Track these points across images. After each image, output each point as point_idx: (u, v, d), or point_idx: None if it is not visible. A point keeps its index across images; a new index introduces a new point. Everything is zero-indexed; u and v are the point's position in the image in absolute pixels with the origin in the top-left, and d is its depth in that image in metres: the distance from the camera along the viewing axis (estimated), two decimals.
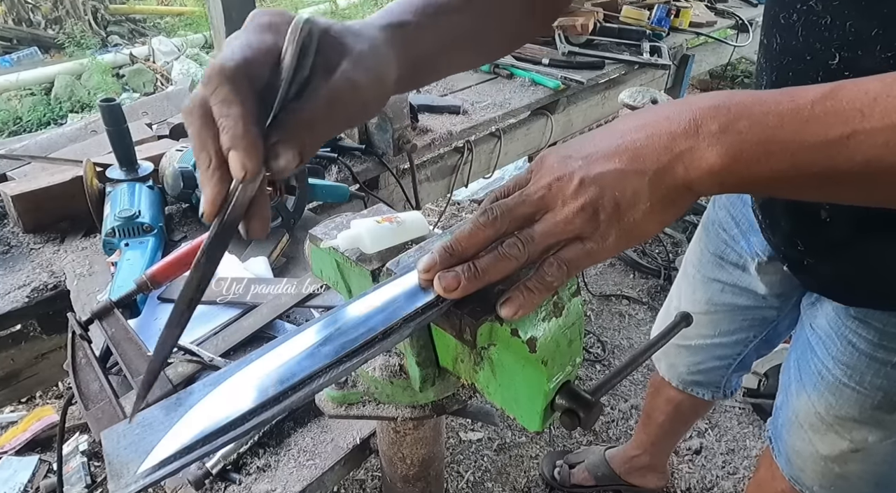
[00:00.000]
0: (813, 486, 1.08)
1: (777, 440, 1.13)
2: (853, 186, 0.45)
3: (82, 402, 0.85)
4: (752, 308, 1.14)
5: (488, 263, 0.47)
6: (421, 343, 0.60)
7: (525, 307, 0.47)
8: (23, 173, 1.44)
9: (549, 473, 1.82)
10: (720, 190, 0.46)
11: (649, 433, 1.64)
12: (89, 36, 5.48)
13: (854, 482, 1.03)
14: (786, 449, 1.11)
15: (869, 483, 1.03)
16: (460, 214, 3.16)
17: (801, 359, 1.03)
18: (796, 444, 1.07)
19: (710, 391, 1.36)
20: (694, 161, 0.44)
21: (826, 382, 0.96)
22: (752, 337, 1.21)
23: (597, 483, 1.78)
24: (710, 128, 0.44)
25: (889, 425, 0.94)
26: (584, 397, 0.53)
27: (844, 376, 0.93)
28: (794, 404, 1.05)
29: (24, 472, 1.72)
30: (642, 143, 0.46)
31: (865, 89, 0.42)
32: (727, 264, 1.13)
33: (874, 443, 0.96)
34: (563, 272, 0.47)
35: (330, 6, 6.68)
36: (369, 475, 1.83)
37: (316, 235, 0.65)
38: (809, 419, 1.02)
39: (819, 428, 1.01)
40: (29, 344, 1.34)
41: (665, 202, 0.46)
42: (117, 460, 0.39)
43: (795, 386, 1.04)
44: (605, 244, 0.46)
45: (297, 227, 1.32)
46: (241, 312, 1.04)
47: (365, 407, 0.68)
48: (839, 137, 0.42)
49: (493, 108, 1.95)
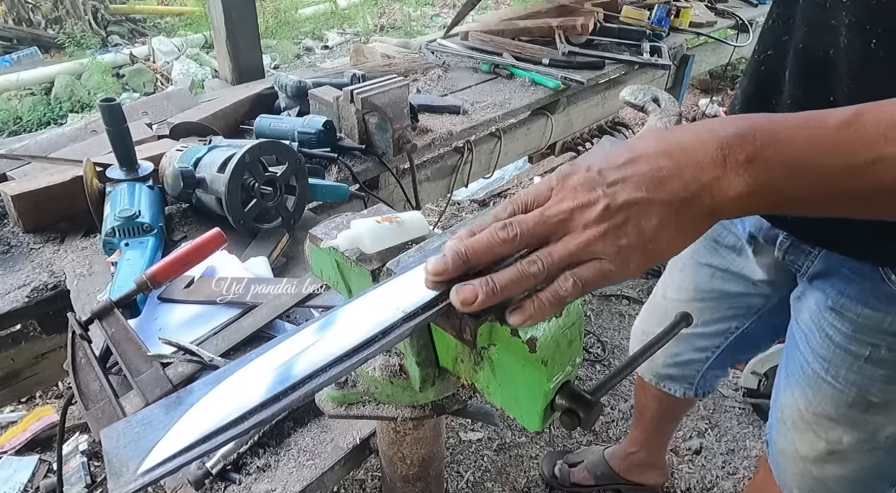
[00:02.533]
0: (793, 489, 1.08)
1: (769, 441, 1.13)
2: (884, 205, 0.46)
3: (82, 402, 0.85)
4: (740, 295, 1.14)
5: (507, 280, 0.47)
6: (421, 343, 0.60)
7: (535, 318, 0.47)
8: (23, 173, 1.44)
9: (549, 472, 1.82)
10: (743, 214, 0.48)
11: (641, 430, 1.65)
12: (89, 36, 5.48)
13: (831, 486, 1.02)
14: (774, 450, 1.10)
15: (848, 491, 1.02)
16: (460, 214, 3.16)
17: (788, 355, 1.04)
18: (781, 443, 1.07)
19: (682, 387, 1.36)
20: (721, 190, 0.45)
21: (807, 376, 0.97)
22: (734, 328, 1.20)
23: (596, 483, 1.78)
24: (737, 158, 0.45)
25: (863, 426, 0.94)
26: (584, 397, 0.53)
27: (822, 370, 0.94)
28: (780, 401, 1.05)
29: (24, 472, 1.72)
30: (668, 171, 0.46)
31: (889, 113, 0.43)
32: (722, 247, 1.13)
33: (849, 446, 0.96)
34: (577, 289, 0.47)
35: (330, 6, 6.69)
36: (369, 475, 1.83)
37: (316, 235, 0.65)
38: (792, 416, 1.02)
39: (800, 426, 1.01)
40: (29, 344, 1.34)
41: (689, 229, 0.47)
42: (117, 458, 0.39)
43: (783, 383, 1.05)
44: (624, 268, 0.47)
45: (297, 227, 1.32)
46: (241, 312, 1.04)
47: (365, 407, 0.68)
48: (864, 162, 0.43)
49: (493, 108, 1.95)
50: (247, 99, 1.83)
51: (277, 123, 1.62)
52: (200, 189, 1.26)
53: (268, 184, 1.25)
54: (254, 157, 1.21)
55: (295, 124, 1.59)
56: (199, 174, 1.25)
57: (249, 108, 1.83)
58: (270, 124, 1.62)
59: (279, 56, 5.47)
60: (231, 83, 2.15)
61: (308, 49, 5.94)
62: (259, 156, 1.23)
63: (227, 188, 1.18)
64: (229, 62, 2.12)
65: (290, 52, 5.64)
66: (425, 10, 7.20)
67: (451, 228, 0.63)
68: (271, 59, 5.28)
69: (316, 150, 1.57)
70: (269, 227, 1.27)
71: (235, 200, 1.20)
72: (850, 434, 0.95)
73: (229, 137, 1.65)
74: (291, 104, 1.78)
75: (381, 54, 2.37)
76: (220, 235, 1.09)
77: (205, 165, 1.26)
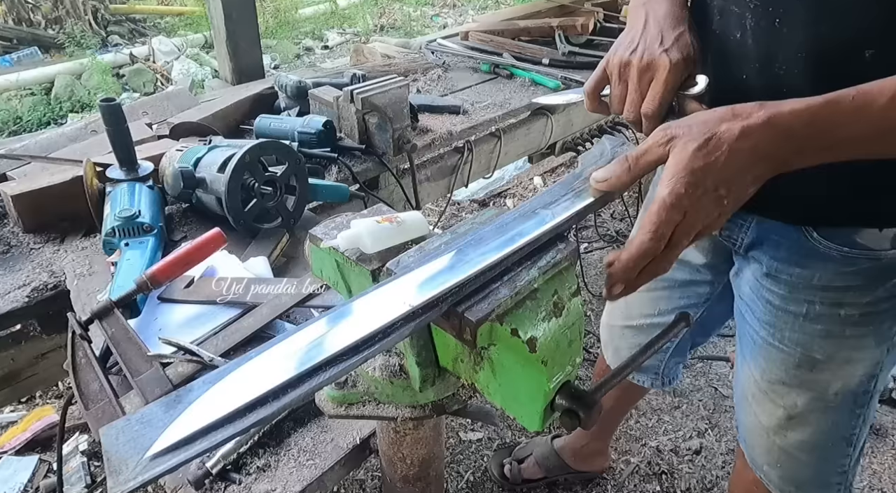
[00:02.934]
0: (762, 465, 1.12)
1: (738, 423, 1.17)
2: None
3: (82, 402, 0.85)
4: (689, 283, 1.20)
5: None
6: (421, 343, 0.60)
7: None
8: (23, 173, 1.44)
9: (499, 473, 1.82)
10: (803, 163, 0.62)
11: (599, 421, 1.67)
12: (89, 36, 5.48)
13: (796, 455, 1.06)
14: (742, 429, 1.14)
15: (811, 456, 1.06)
16: (460, 214, 3.16)
17: (740, 333, 1.08)
18: (745, 419, 1.11)
19: (649, 378, 1.41)
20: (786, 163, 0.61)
21: (758, 345, 1.02)
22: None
23: (546, 475, 1.81)
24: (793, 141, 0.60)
25: (813, 385, 0.98)
26: (585, 396, 0.53)
27: (769, 336, 0.99)
28: (740, 378, 1.10)
29: (24, 472, 1.72)
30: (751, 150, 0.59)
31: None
32: None
33: (804, 407, 1.00)
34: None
35: (330, 6, 6.69)
36: (369, 475, 1.83)
37: (316, 235, 0.65)
38: (751, 389, 1.06)
39: (759, 397, 1.05)
40: (29, 344, 1.34)
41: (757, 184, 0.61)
42: (116, 456, 0.39)
43: (740, 360, 1.09)
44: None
45: (297, 227, 1.32)
46: (241, 312, 1.04)
47: (365, 407, 0.68)
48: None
49: (493, 108, 1.95)
50: (247, 99, 1.83)
51: (277, 123, 1.62)
52: (200, 189, 1.26)
53: (268, 184, 1.25)
54: (254, 157, 1.21)
55: (295, 124, 1.59)
56: (199, 174, 1.25)
57: (249, 108, 1.83)
58: (270, 124, 1.62)
59: (279, 56, 5.47)
60: (231, 83, 2.15)
61: (308, 49, 5.94)
62: (259, 156, 1.23)
63: (227, 188, 1.18)
64: (229, 62, 2.12)
65: (290, 52, 5.64)
66: (425, 10, 7.20)
67: (451, 228, 0.63)
68: (271, 59, 5.28)
69: (316, 150, 1.57)
70: (269, 227, 1.28)
71: (235, 200, 1.20)
72: (803, 396, 1.00)
73: (229, 137, 1.65)
74: (291, 104, 1.78)
75: (381, 54, 2.37)
76: (220, 235, 1.09)
77: (205, 165, 1.26)
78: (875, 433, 1.99)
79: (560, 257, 0.58)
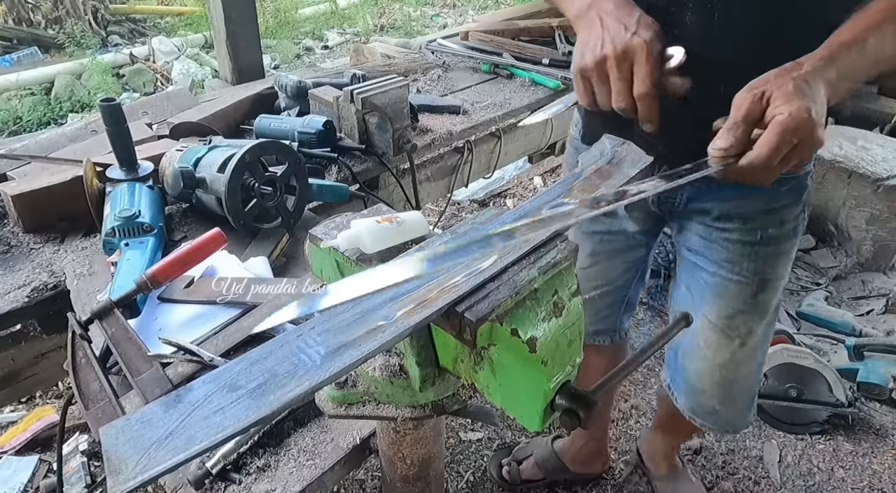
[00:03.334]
0: (714, 404, 1.23)
1: (676, 378, 1.29)
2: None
3: (82, 402, 0.85)
4: (626, 250, 1.31)
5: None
6: (421, 343, 0.60)
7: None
8: (23, 173, 1.44)
9: (497, 474, 1.82)
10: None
11: None
12: (89, 36, 5.48)
13: (742, 381, 1.21)
14: (685, 380, 1.26)
15: (755, 373, 1.22)
16: (460, 214, 3.16)
17: (690, 284, 1.19)
18: (696, 365, 1.22)
19: (608, 337, 1.48)
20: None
21: (715, 287, 1.12)
22: (631, 278, 1.38)
23: (546, 476, 1.80)
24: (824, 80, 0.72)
25: (764, 306, 1.12)
26: (585, 396, 0.53)
27: (728, 273, 1.10)
28: (689, 332, 1.19)
29: (24, 472, 1.72)
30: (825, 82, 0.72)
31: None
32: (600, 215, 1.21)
33: (757, 329, 1.14)
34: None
35: (330, 6, 6.69)
36: (369, 475, 1.83)
37: (316, 235, 0.65)
38: (704, 334, 1.17)
39: (711, 338, 1.17)
40: (29, 344, 1.34)
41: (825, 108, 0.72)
42: (116, 456, 0.39)
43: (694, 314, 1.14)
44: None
45: (297, 227, 1.32)
46: (241, 312, 1.04)
47: (365, 407, 0.68)
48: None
49: (493, 108, 1.96)
50: (247, 99, 1.83)
51: (277, 123, 1.62)
52: (200, 189, 1.26)
53: (268, 184, 1.25)
54: (254, 157, 1.21)
55: (295, 124, 1.59)
56: (199, 174, 1.25)
57: (249, 108, 1.83)
58: (270, 124, 1.62)
59: (279, 56, 5.47)
60: (231, 83, 2.15)
61: (308, 49, 5.94)
62: (259, 156, 1.23)
63: (227, 188, 1.18)
64: (229, 62, 2.12)
65: (290, 52, 5.64)
66: (425, 10, 7.20)
67: (451, 228, 0.63)
68: (271, 59, 5.28)
69: (316, 150, 1.57)
70: (269, 227, 1.28)
71: (235, 200, 1.20)
72: (757, 320, 1.13)
73: (229, 137, 1.65)
74: (291, 104, 1.78)
75: (381, 54, 2.37)
76: (220, 235, 1.09)
77: (205, 165, 1.26)
78: (875, 433, 1.99)
79: (560, 256, 0.58)
